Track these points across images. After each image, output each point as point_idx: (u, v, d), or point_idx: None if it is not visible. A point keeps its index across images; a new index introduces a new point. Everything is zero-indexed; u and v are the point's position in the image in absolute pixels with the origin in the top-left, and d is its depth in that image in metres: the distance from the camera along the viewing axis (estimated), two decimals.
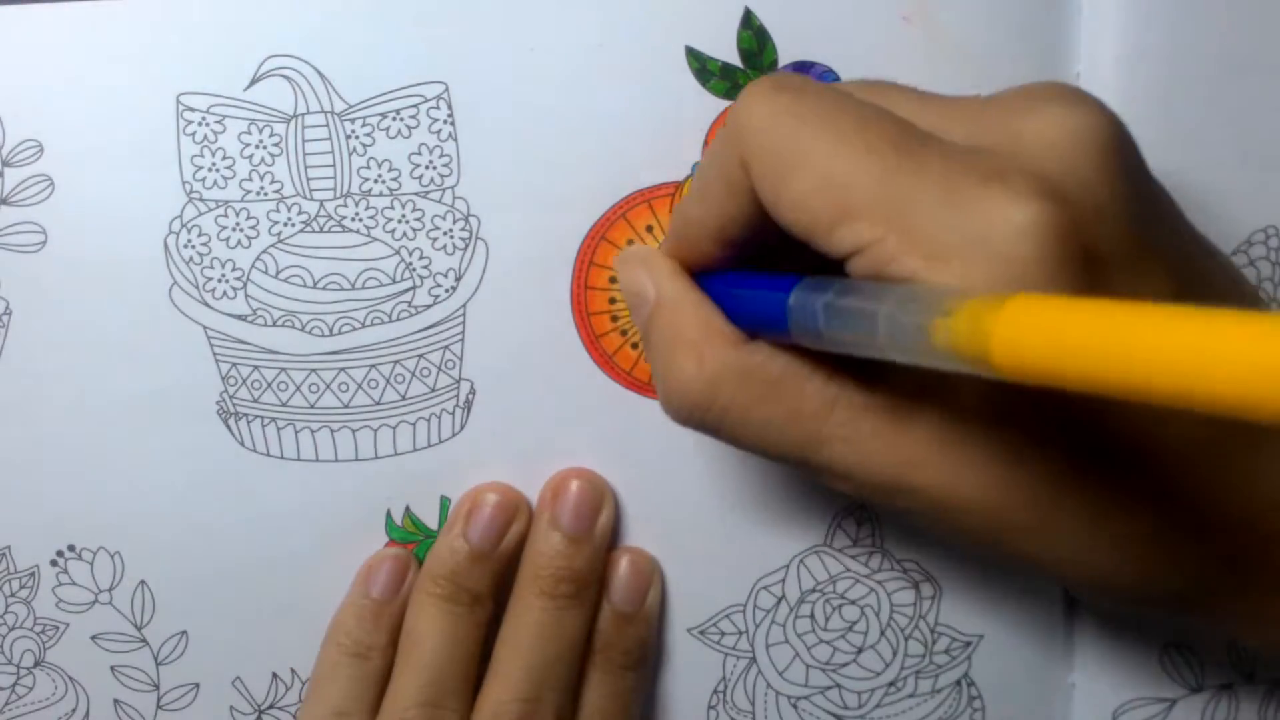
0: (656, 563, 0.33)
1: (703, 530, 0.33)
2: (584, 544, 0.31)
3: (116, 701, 0.33)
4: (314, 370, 0.32)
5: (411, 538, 0.33)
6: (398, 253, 0.31)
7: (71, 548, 0.33)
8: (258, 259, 0.31)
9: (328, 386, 0.32)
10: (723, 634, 0.33)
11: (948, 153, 0.22)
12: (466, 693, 0.31)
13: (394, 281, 0.31)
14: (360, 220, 0.31)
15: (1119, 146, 0.22)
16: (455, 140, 0.31)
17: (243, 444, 0.32)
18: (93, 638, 0.33)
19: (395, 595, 0.32)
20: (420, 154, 0.31)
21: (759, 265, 0.26)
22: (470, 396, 0.32)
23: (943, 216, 0.20)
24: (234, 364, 0.32)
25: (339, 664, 0.31)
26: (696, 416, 0.25)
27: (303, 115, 0.31)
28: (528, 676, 0.30)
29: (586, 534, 0.31)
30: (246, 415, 0.32)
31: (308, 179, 0.31)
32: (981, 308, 0.16)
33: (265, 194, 0.31)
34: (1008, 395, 0.21)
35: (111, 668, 0.33)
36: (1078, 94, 0.23)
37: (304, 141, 0.31)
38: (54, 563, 0.33)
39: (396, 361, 0.32)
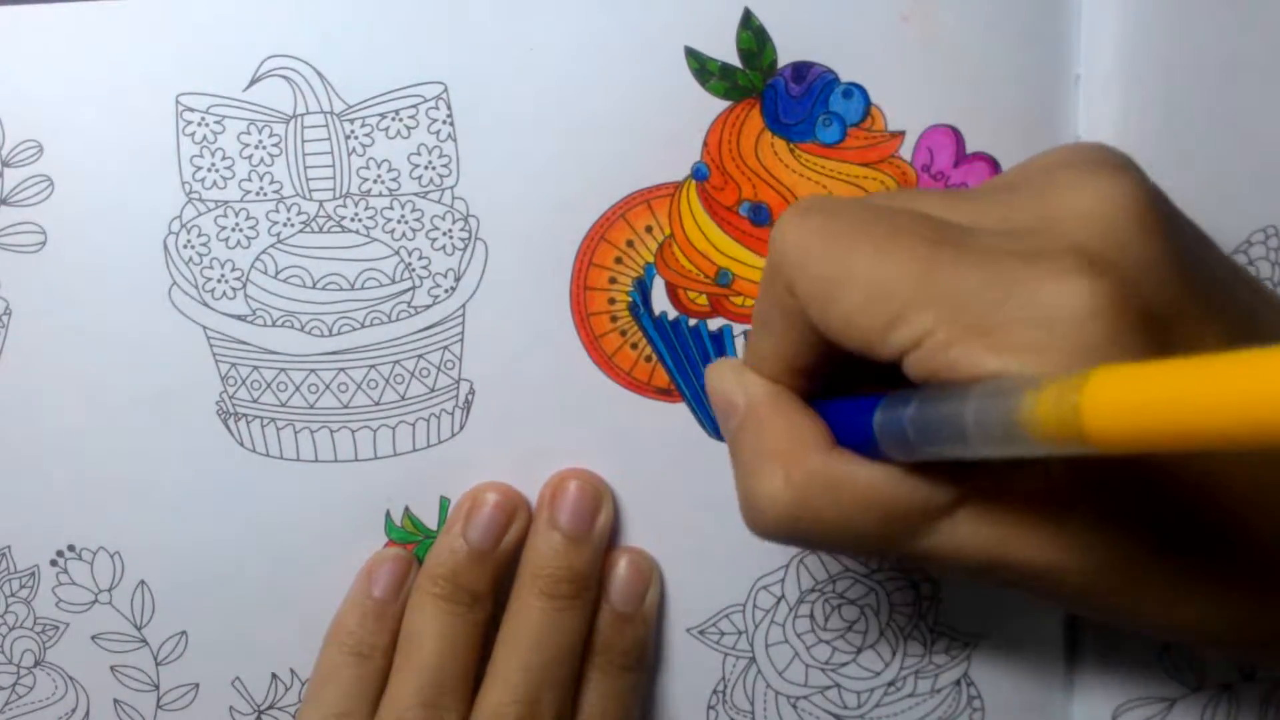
0: (655, 562, 0.33)
1: (702, 530, 0.33)
2: (583, 544, 0.31)
3: (116, 701, 0.33)
4: (313, 370, 0.32)
5: (411, 538, 0.33)
6: (397, 253, 0.31)
7: (71, 548, 0.33)
8: (257, 259, 0.31)
9: (327, 387, 0.32)
10: (722, 634, 0.33)
11: (984, 240, 0.22)
12: (465, 693, 0.31)
13: (393, 282, 0.31)
14: (359, 220, 0.31)
15: (1152, 204, 0.22)
16: (454, 140, 0.31)
17: (242, 444, 0.32)
18: (93, 638, 0.33)
19: (397, 595, 0.32)
20: (419, 154, 0.31)
21: (848, 386, 0.26)
22: (470, 397, 0.32)
23: (989, 299, 0.21)
24: (233, 364, 0.32)
25: (341, 664, 0.31)
26: (784, 530, 0.24)
27: (302, 116, 0.31)
28: (526, 678, 0.30)
29: (585, 534, 0.31)
30: (246, 415, 0.32)
31: (307, 179, 0.31)
32: (1065, 388, 0.16)
33: (264, 194, 0.31)
34: (1085, 475, 0.21)
35: (111, 667, 0.33)
36: (1100, 157, 0.23)
37: (303, 142, 0.31)
38: (54, 562, 0.33)
39: (396, 362, 0.32)
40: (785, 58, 0.31)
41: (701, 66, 0.31)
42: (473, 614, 0.31)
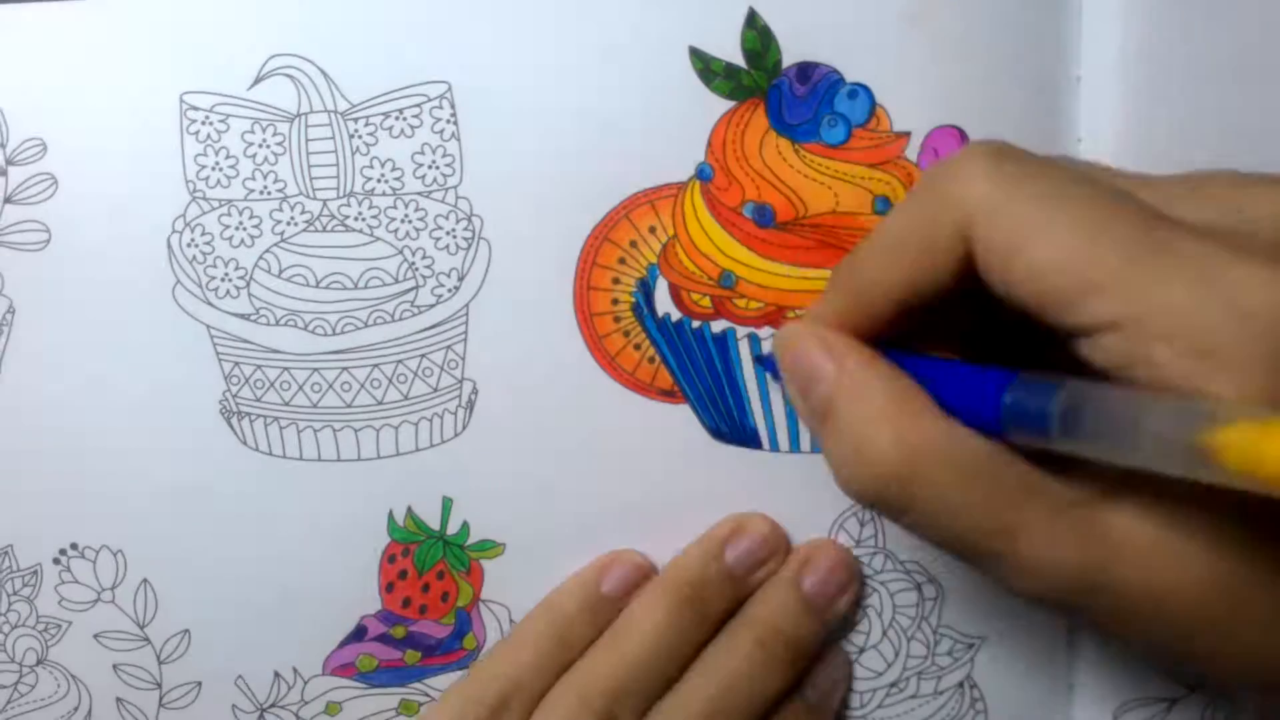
0: (850, 670, 0.33)
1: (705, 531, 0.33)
2: (816, 616, 0.31)
3: (119, 700, 0.33)
4: (316, 369, 0.32)
5: (413, 538, 0.33)
6: (400, 252, 0.31)
7: (74, 546, 0.33)
8: (261, 258, 0.31)
9: (330, 386, 0.32)
10: None
11: (1190, 233, 0.21)
12: (645, 706, 0.30)
13: (396, 281, 0.31)
14: (363, 220, 0.31)
15: None
16: (458, 140, 0.31)
17: (245, 443, 0.32)
18: (95, 636, 0.33)
19: (621, 599, 0.32)
20: (423, 153, 0.31)
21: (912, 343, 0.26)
22: (473, 396, 0.32)
23: (1197, 301, 0.20)
24: (237, 363, 0.32)
25: (541, 636, 0.31)
26: (887, 491, 0.23)
27: (306, 114, 0.31)
28: (706, 709, 0.30)
29: (825, 606, 0.31)
30: (249, 414, 0.32)
31: (311, 178, 0.31)
32: (1266, 429, 0.16)
33: (268, 193, 0.31)
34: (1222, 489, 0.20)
35: (114, 666, 0.33)
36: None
37: (307, 141, 0.31)
38: (56, 561, 0.33)
39: (399, 361, 0.32)
40: (790, 58, 0.31)
41: (706, 66, 0.31)
42: (695, 632, 0.31)
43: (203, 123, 0.31)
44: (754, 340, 0.32)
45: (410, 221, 0.31)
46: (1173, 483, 0.20)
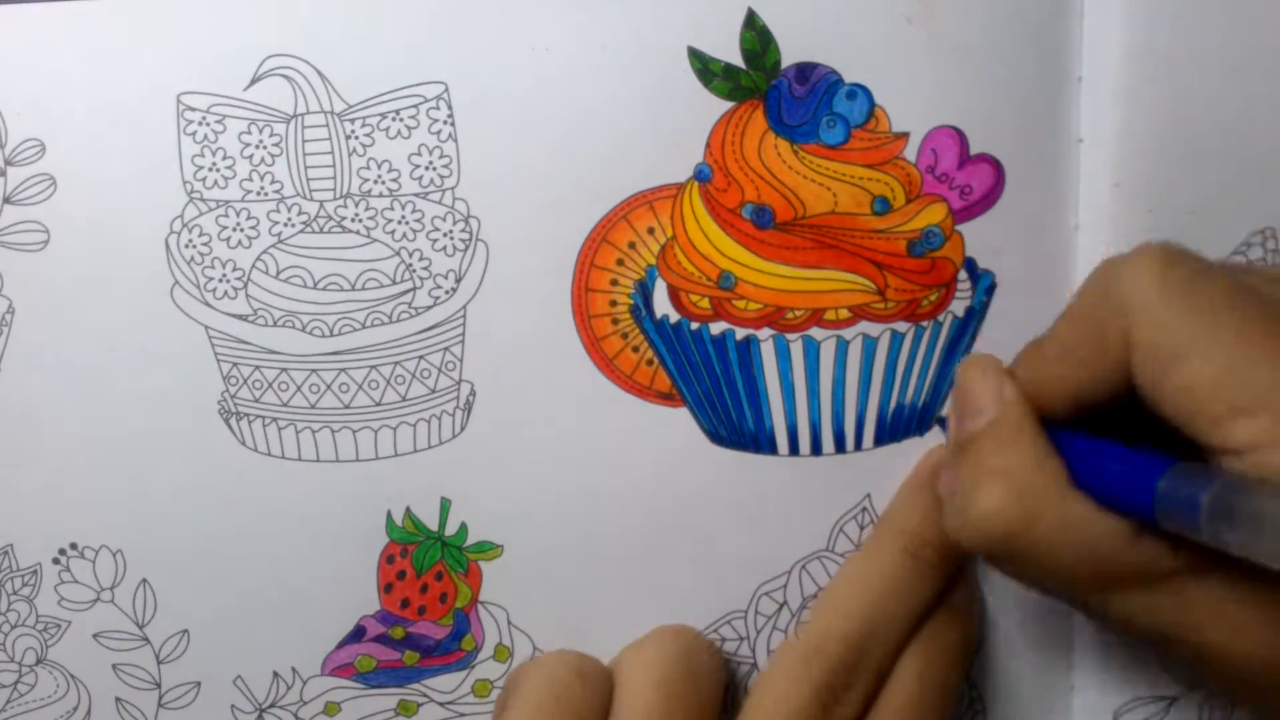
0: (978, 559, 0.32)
1: (704, 535, 0.33)
2: None
3: (118, 700, 0.33)
4: (315, 371, 0.32)
5: (412, 539, 0.33)
6: (398, 254, 0.31)
7: (74, 546, 0.33)
8: (258, 259, 0.31)
9: (328, 387, 0.32)
10: (724, 640, 0.33)
11: None
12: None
13: (394, 283, 0.31)
14: (360, 221, 0.31)
15: None
16: (455, 141, 0.31)
17: (244, 444, 0.32)
18: (94, 636, 0.33)
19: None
20: (420, 155, 0.31)
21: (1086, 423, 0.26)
22: (470, 398, 0.32)
23: None
24: (235, 364, 0.32)
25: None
26: (993, 548, 0.24)
27: (303, 115, 0.30)
28: (864, 627, 0.29)
29: None
30: (248, 415, 0.32)
31: (308, 179, 0.31)
32: None
33: (265, 194, 0.31)
34: None
35: (113, 666, 0.33)
36: None
37: (304, 142, 0.31)
38: (56, 561, 0.33)
39: (397, 363, 0.32)
40: (789, 58, 0.31)
41: (704, 67, 0.31)
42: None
43: (200, 123, 0.31)
44: (754, 342, 0.32)
45: (407, 223, 0.31)
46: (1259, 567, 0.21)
